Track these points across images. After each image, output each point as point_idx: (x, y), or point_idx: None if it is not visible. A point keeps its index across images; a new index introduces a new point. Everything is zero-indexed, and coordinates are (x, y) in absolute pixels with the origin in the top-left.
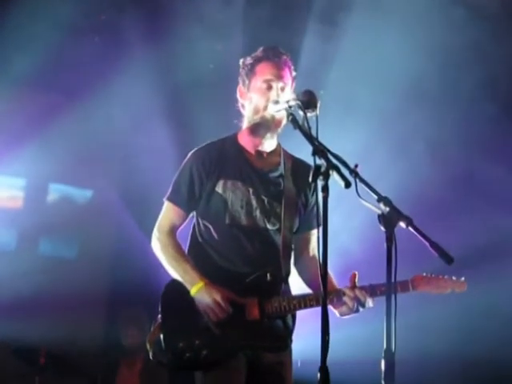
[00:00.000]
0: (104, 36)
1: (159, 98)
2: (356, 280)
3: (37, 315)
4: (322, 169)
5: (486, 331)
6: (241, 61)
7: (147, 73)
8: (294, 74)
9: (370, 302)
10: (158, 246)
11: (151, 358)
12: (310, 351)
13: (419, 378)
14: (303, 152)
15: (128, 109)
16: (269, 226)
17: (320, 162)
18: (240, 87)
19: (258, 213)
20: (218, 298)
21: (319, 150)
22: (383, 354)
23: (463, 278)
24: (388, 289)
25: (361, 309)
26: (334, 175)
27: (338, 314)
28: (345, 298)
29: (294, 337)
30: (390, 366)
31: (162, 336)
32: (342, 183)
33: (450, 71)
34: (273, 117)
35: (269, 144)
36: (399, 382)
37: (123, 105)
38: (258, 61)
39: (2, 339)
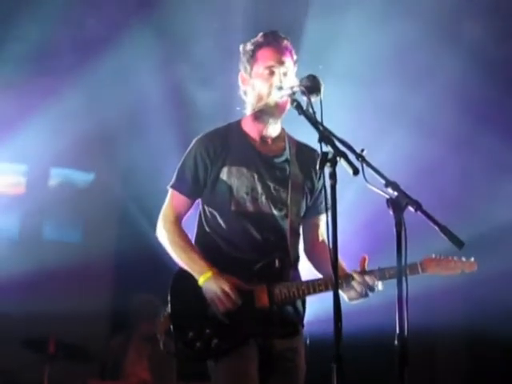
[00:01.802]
0: (99, 16)
1: (160, 77)
2: (366, 264)
3: (43, 301)
4: (330, 156)
5: (493, 303)
6: (241, 47)
7: (146, 53)
8: (295, 57)
9: (379, 286)
10: (163, 235)
11: (162, 348)
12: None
13: (423, 349)
14: (306, 135)
15: (127, 89)
16: (275, 212)
17: (327, 148)
18: (242, 74)
19: (263, 199)
20: (227, 287)
21: (325, 136)
22: (396, 339)
23: (473, 259)
24: (399, 274)
25: (370, 293)
26: (342, 162)
27: (346, 299)
28: (353, 283)
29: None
30: (403, 350)
31: (171, 326)
32: (350, 170)
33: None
34: (276, 103)
35: (273, 129)
36: None
37: (122, 86)
38: (258, 46)
39: (9, 327)
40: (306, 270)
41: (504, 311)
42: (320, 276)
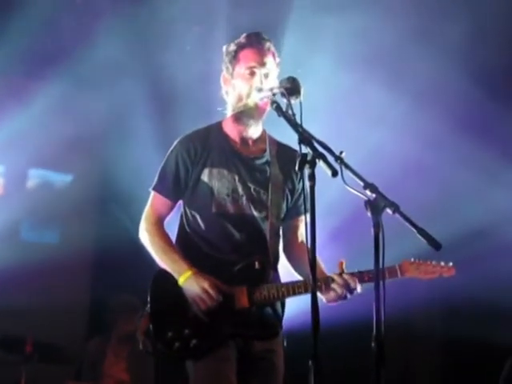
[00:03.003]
0: (76, 14)
1: (140, 76)
2: (344, 268)
3: (20, 301)
4: (309, 157)
5: (469, 308)
6: (224, 47)
7: (125, 52)
8: (277, 60)
9: (358, 289)
10: (145, 236)
11: (141, 348)
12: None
13: (398, 351)
14: (287, 135)
15: (107, 89)
16: (255, 214)
17: (306, 150)
18: (224, 74)
19: (244, 200)
20: (206, 285)
21: (305, 138)
22: (373, 341)
23: (451, 263)
24: (376, 275)
25: (349, 295)
26: (321, 163)
27: (325, 301)
28: (333, 285)
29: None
30: (380, 351)
31: (151, 326)
32: (329, 172)
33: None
34: (256, 104)
35: (253, 131)
36: None
37: (101, 85)
38: (241, 47)
39: None
40: (285, 270)
41: (479, 309)
42: (299, 276)
